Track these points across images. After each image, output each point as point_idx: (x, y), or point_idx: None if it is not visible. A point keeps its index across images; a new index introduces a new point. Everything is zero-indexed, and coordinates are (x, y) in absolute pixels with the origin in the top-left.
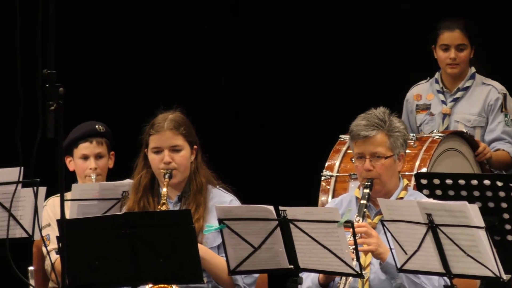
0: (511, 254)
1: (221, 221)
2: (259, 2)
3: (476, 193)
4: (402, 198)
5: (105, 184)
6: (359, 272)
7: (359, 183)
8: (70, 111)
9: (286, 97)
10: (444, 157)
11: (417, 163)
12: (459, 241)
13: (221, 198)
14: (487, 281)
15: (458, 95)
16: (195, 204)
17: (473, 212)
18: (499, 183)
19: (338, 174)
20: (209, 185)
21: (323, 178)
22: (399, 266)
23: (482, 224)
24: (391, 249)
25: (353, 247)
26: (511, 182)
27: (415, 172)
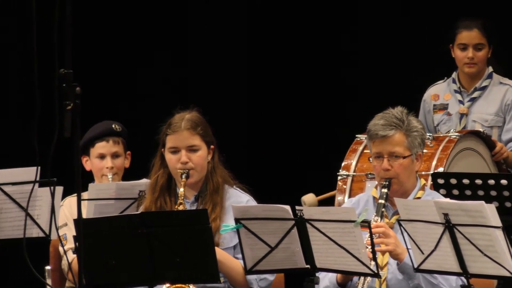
0: None
1: (237, 220)
2: (274, 2)
3: (493, 192)
4: (419, 198)
5: (121, 184)
6: (376, 272)
7: (376, 182)
8: (86, 110)
9: (303, 96)
10: (461, 157)
11: (434, 162)
12: (476, 241)
13: (238, 198)
14: (504, 281)
15: (475, 94)
16: (211, 204)
17: (490, 212)
18: None
19: (354, 173)
20: (225, 185)
21: (339, 177)
22: (416, 266)
23: (499, 224)
24: (408, 249)
25: (370, 246)
26: None
27: (431, 172)
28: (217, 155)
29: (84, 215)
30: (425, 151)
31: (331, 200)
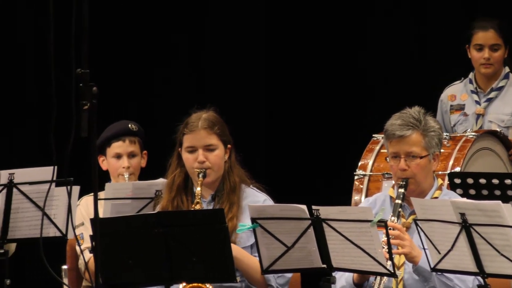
0: None
1: (254, 220)
2: (292, 1)
3: (510, 192)
4: (436, 197)
5: (138, 183)
6: (392, 272)
7: (394, 182)
8: (103, 110)
9: (320, 96)
10: (478, 157)
11: (451, 162)
12: (493, 241)
13: (255, 198)
14: None
15: (491, 95)
16: (228, 203)
17: (507, 212)
18: None
19: (371, 173)
20: (242, 184)
21: (356, 177)
22: (432, 266)
23: None
24: (424, 249)
25: (387, 246)
26: None
27: (448, 172)
28: (234, 155)
29: (101, 215)
30: (442, 150)
31: (347, 200)
